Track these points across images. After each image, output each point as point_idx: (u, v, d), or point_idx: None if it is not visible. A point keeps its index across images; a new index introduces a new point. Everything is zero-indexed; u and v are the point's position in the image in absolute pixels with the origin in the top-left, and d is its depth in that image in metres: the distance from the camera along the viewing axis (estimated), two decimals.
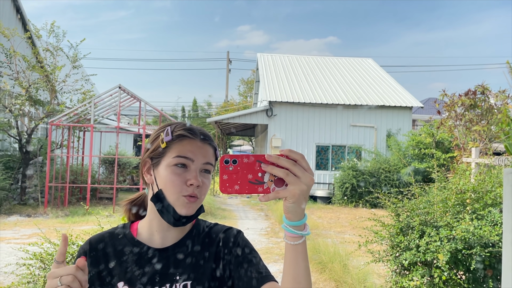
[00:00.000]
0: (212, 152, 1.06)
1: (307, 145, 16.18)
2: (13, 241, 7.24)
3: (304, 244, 0.86)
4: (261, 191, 0.82)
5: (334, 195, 14.63)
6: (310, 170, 0.80)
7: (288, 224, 0.83)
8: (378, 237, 3.66)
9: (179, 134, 1.03)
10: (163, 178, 1.01)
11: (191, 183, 0.98)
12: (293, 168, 0.79)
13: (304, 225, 0.85)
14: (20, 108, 11.11)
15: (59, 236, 3.36)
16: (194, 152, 1.01)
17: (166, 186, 1.00)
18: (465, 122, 9.00)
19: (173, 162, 1.00)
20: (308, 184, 0.79)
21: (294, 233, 0.84)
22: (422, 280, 3.22)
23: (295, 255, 0.86)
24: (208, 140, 1.06)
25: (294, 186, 0.78)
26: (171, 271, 1.04)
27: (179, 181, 0.99)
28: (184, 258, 1.06)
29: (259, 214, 11.80)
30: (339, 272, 5.23)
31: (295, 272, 0.86)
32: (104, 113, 13.65)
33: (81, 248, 1.08)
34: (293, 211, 0.81)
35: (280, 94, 16.67)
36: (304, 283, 0.87)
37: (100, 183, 13.67)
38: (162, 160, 1.02)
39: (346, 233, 8.83)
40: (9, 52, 11.21)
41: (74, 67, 12.40)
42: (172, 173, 1.00)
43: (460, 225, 3.05)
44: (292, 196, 0.79)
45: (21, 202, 11.52)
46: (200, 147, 1.03)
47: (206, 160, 1.03)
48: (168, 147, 1.02)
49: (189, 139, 1.03)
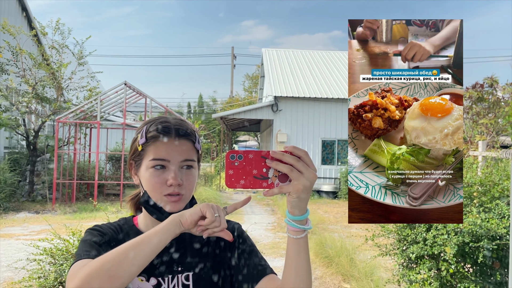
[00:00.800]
0: (191, 146, 1.05)
1: (312, 140, 16.16)
2: (22, 237, 7.32)
3: (306, 238, 0.89)
4: (266, 186, 0.84)
5: (340, 189, 14.62)
6: (313, 166, 0.83)
7: (291, 218, 0.87)
8: (385, 231, 3.66)
9: (152, 135, 1.02)
10: (144, 180, 1.02)
11: (170, 183, 0.99)
12: (296, 164, 0.81)
13: (307, 219, 0.88)
14: (27, 106, 11.19)
15: (69, 232, 3.40)
16: (170, 152, 1.01)
17: (148, 188, 1.02)
18: (472, 115, 8.95)
19: (151, 165, 1.01)
20: (311, 179, 0.82)
21: (297, 227, 0.87)
22: (429, 273, 3.22)
23: (297, 248, 0.88)
24: (184, 135, 1.04)
25: (297, 182, 0.81)
26: (174, 262, 1.06)
27: (159, 183, 1.00)
28: (184, 250, 1.08)
29: (265, 209, 11.84)
30: (346, 266, 5.25)
31: (297, 265, 0.89)
32: (110, 109, 13.72)
33: (93, 227, 1.07)
34: (296, 206, 0.84)
35: (285, 89, 16.64)
36: (305, 275, 0.90)
37: (107, 179, 13.76)
38: (142, 162, 1.04)
39: (353, 227, 8.84)
40: (15, 50, 11.27)
41: (80, 64, 12.46)
42: (151, 175, 1.01)
43: (467, 218, 3.05)
44: (295, 191, 0.82)
45: (29, 198, 11.63)
46: (176, 146, 1.02)
47: (183, 157, 1.02)
48: (144, 149, 1.03)
49: (163, 139, 1.02)
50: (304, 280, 0.90)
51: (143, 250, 0.83)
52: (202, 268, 1.06)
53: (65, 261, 3.18)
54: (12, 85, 11.26)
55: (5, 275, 5.18)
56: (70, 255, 3.21)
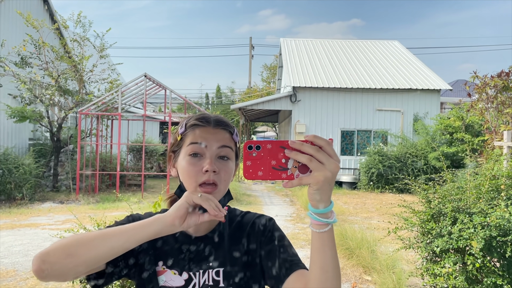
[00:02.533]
0: (228, 137, 1.05)
1: (331, 130, 16.04)
2: (47, 227, 7.52)
3: (331, 232, 0.84)
4: (285, 177, 0.81)
5: (360, 180, 14.50)
6: (335, 156, 0.78)
7: (313, 211, 0.82)
8: (408, 223, 3.62)
9: (191, 124, 1.05)
10: (181, 169, 1.03)
11: (206, 169, 0.98)
12: (317, 154, 0.77)
13: (331, 212, 0.82)
14: (51, 98, 11.41)
15: (93, 222, 3.48)
16: (207, 138, 1.02)
17: (184, 176, 1.02)
18: (497, 104, 8.71)
19: (188, 151, 1.02)
20: (333, 170, 0.77)
21: (320, 221, 0.82)
22: (455, 267, 3.17)
23: (321, 243, 0.84)
24: (222, 125, 1.05)
25: (318, 173, 0.77)
26: (205, 258, 1.06)
27: (194, 170, 1.00)
28: (217, 245, 1.08)
29: (284, 200, 11.84)
30: (367, 258, 5.21)
31: (322, 261, 0.85)
32: (131, 101, 13.87)
33: (133, 215, 1.12)
34: (318, 198, 0.80)
35: (304, 79, 16.51)
36: (331, 271, 0.85)
37: (129, 170, 13.98)
38: (181, 151, 1.05)
39: (373, 218, 8.77)
40: (38, 43, 11.48)
41: (101, 56, 12.61)
42: (187, 163, 1.01)
43: (495, 212, 2.98)
44: (316, 182, 0.77)
45: (54, 189, 11.93)
46: (213, 133, 1.03)
47: (220, 143, 1.02)
48: (182, 139, 1.05)
49: (201, 127, 1.04)
50: (328, 277, 0.85)
51: (110, 240, 0.88)
52: (234, 265, 1.07)
53: None
54: (36, 77, 11.49)
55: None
56: None
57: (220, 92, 44.48)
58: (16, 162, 10.01)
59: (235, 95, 41.09)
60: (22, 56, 11.34)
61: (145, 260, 1.06)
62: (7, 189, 9.80)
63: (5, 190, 9.82)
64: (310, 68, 17.97)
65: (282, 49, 20.88)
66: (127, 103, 13.64)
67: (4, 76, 11.01)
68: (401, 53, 20.34)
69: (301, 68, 17.95)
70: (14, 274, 4.96)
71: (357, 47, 21.31)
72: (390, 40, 22.36)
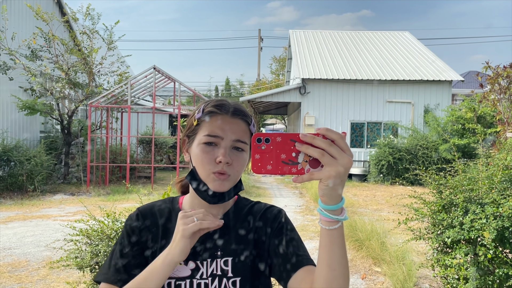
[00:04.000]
0: (245, 128, 1.03)
1: (341, 122, 15.95)
2: (59, 218, 7.61)
3: (341, 229, 0.81)
4: (295, 171, 0.78)
5: (370, 172, 14.42)
6: (348, 151, 0.75)
7: (323, 207, 0.79)
8: (419, 214, 3.57)
9: (209, 110, 1.02)
10: (195, 156, 1.01)
11: (219, 160, 0.96)
12: (329, 149, 0.74)
13: (341, 209, 0.80)
14: (61, 91, 11.48)
15: (103, 214, 3.49)
16: (223, 128, 0.99)
17: (197, 163, 1.00)
18: (510, 95, 8.57)
19: (203, 140, 1.00)
20: (346, 166, 0.74)
21: (330, 218, 0.79)
22: (466, 258, 3.13)
23: (330, 240, 0.81)
24: (240, 114, 1.03)
25: (330, 168, 0.74)
26: (213, 246, 1.05)
27: (208, 158, 0.98)
28: (225, 235, 1.07)
29: (294, 192, 11.83)
30: (376, 250, 5.19)
31: (330, 259, 0.82)
32: (140, 94, 13.92)
33: (130, 217, 1.11)
34: (329, 194, 0.77)
35: (313, 71, 16.40)
36: (338, 270, 0.82)
37: (139, 162, 14.06)
38: (195, 137, 1.03)
39: (383, 210, 8.72)
40: (48, 36, 11.53)
41: (110, 49, 12.64)
42: (202, 151, 0.99)
43: (507, 202, 2.93)
44: (327, 178, 0.74)
45: (65, 181, 12.05)
46: (231, 123, 1.01)
47: (236, 137, 1.00)
48: (199, 124, 1.03)
49: (218, 115, 1.01)
50: (336, 276, 0.82)
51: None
52: (242, 254, 1.05)
53: (100, 242, 3.26)
54: (47, 70, 11.56)
55: (44, 254, 5.41)
56: (105, 236, 3.29)
57: (229, 85, 44.43)
58: (28, 154, 10.13)
59: (244, 88, 41.01)
60: (32, 49, 11.41)
61: (152, 251, 1.07)
62: (19, 181, 9.93)
63: (17, 182, 9.95)
64: (320, 60, 17.83)
65: (291, 41, 20.75)
66: (136, 95, 13.69)
67: (15, 69, 11.11)
68: (411, 44, 20.08)
69: (310, 60, 17.83)
70: (26, 264, 5.03)
71: (367, 38, 21.08)
72: (400, 31, 22.07)
